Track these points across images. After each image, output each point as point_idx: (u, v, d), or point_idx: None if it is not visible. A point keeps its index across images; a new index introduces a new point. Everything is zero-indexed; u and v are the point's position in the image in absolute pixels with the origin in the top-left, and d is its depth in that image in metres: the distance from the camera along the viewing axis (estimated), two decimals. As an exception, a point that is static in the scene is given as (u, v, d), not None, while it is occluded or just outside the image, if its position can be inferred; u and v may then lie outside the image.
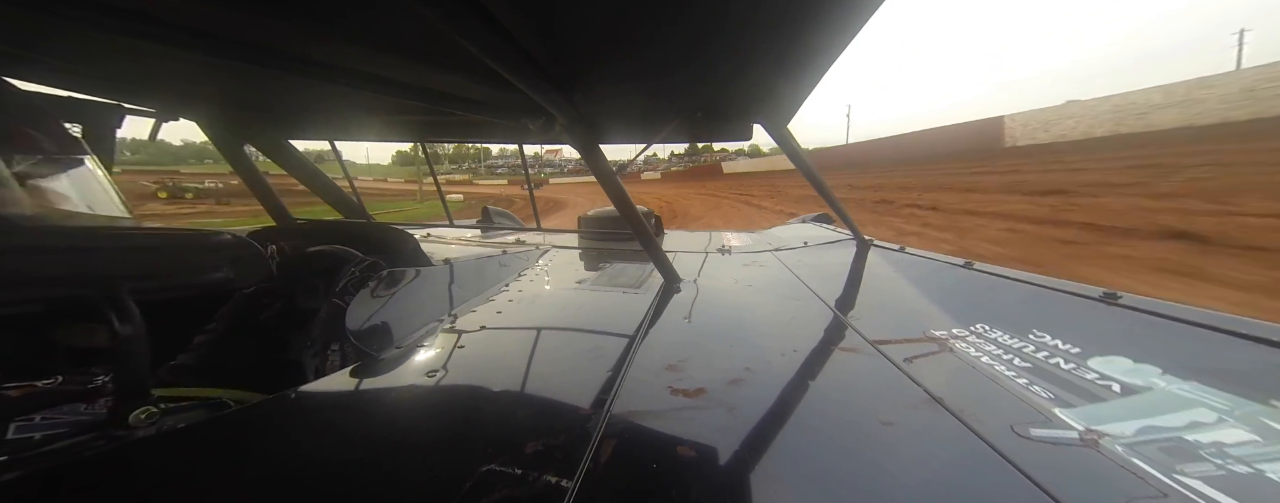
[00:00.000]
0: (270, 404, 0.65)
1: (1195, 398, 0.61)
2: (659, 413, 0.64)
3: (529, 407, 0.68)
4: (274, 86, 1.23)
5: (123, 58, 0.99)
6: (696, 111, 1.22)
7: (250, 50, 0.77)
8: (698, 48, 0.80)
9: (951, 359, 0.80)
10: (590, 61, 0.88)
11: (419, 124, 1.58)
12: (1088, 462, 0.52)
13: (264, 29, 0.75)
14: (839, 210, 1.83)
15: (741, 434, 0.58)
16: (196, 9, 0.67)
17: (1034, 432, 0.57)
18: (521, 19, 0.68)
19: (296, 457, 0.55)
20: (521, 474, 0.49)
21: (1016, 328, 0.90)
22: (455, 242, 2.19)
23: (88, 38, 0.85)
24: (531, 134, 1.21)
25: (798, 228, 2.54)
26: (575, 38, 0.78)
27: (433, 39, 0.75)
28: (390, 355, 0.83)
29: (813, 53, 0.80)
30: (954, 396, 0.66)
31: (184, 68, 1.04)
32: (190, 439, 0.57)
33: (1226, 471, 0.48)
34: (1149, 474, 0.49)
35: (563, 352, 0.89)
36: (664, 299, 1.21)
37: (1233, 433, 0.54)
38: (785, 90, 1.04)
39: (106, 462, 0.52)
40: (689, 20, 0.69)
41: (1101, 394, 0.65)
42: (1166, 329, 0.81)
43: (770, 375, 0.75)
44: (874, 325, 0.98)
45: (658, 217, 2.32)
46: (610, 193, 1.35)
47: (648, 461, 0.53)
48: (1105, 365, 0.72)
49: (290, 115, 1.58)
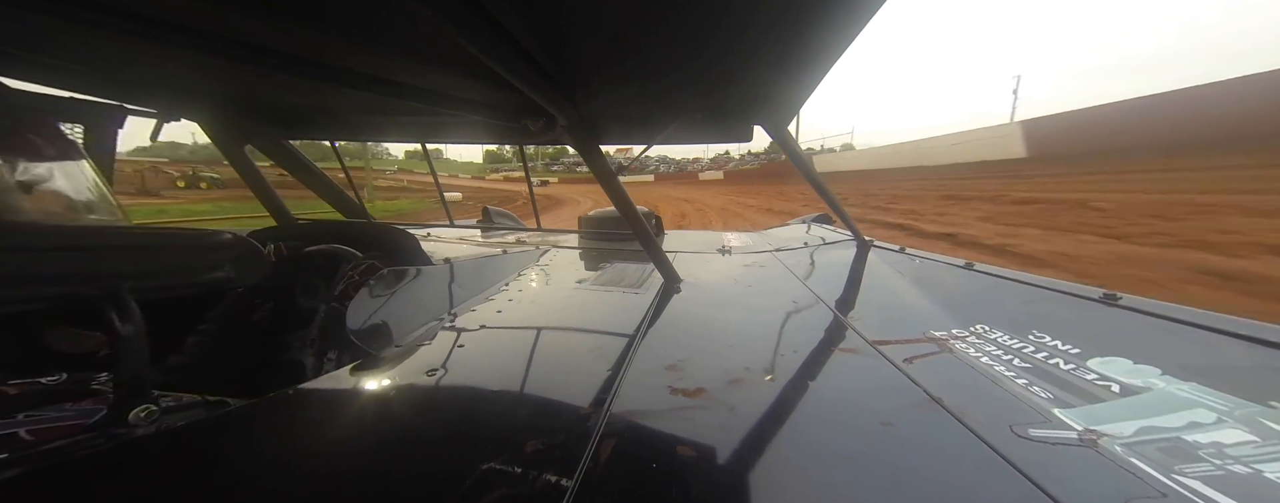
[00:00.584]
0: (270, 403, 0.65)
1: (1194, 399, 0.61)
2: (659, 413, 0.64)
3: (529, 406, 0.68)
4: (275, 87, 1.23)
5: (124, 58, 0.99)
6: (697, 112, 1.22)
7: (252, 51, 0.77)
8: (698, 49, 0.80)
9: (951, 360, 0.80)
10: (591, 63, 0.88)
11: (419, 124, 1.58)
12: (1087, 462, 0.52)
13: (266, 29, 0.75)
14: (839, 211, 1.83)
15: (741, 434, 0.59)
16: (198, 9, 0.67)
17: (1033, 432, 0.57)
18: (522, 20, 0.69)
19: (297, 456, 0.55)
20: (521, 473, 0.49)
21: (1016, 328, 0.90)
22: (456, 242, 2.19)
23: (89, 38, 0.85)
24: (532, 135, 1.21)
25: (798, 229, 2.55)
26: (576, 39, 0.78)
27: (433, 40, 0.76)
28: (390, 354, 0.83)
29: (813, 54, 0.80)
30: (953, 396, 0.66)
31: (186, 68, 1.05)
32: (190, 438, 0.57)
33: (1225, 471, 0.48)
34: (1148, 475, 0.49)
35: (563, 351, 0.89)
36: (664, 299, 1.21)
37: (1232, 434, 0.54)
38: (786, 91, 1.04)
39: (106, 460, 0.52)
40: (689, 21, 0.69)
41: (1101, 395, 0.65)
42: (1166, 330, 0.81)
43: (770, 376, 0.76)
44: (874, 326, 0.98)
45: (658, 217, 2.33)
46: (610, 193, 1.35)
47: (647, 460, 0.53)
48: (1105, 366, 0.72)
49: (291, 115, 1.58)
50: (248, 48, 0.77)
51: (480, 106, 1.10)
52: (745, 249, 1.98)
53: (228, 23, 0.73)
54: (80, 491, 0.47)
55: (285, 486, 0.49)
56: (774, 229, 2.71)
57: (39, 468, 0.50)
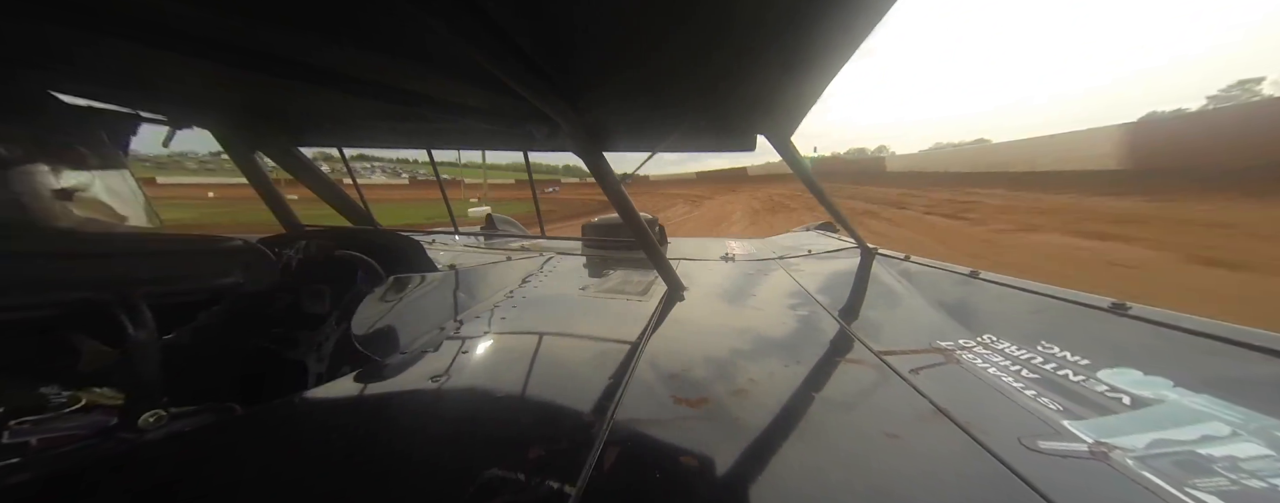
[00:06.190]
0: (277, 409, 0.65)
1: (1208, 411, 0.60)
2: (662, 421, 0.63)
3: (533, 413, 0.68)
4: (284, 94, 1.25)
5: (137, 67, 1.01)
6: (700, 121, 1.22)
7: (263, 59, 0.79)
8: (701, 59, 0.80)
9: (958, 370, 0.79)
10: (595, 71, 0.89)
11: (426, 131, 1.60)
12: (1098, 476, 0.51)
13: (277, 38, 0.76)
14: (841, 219, 1.82)
15: (745, 445, 0.58)
16: (209, 19, 0.68)
17: (1043, 445, 0.56)
18: (528, 29, 0.69)
19: (303, 460, 0.55)
20: (525, 480, 0.49)
21: (1024, 338, 0.89)
22: (461, 249, 2.20)
23: (103, 47, 0.87)
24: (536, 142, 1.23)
25: (802, 236, 2.54)
26: (581, 48, 0.79)
27: (441, 48, 0.77)
28: (395, 361, 0.83)
29: (816, 65, 0.80)
30: (961, 407, 0.65)
31: (197, 76, 1.06)
32: (198, 442, 0.58)
33: (1240, 486, 0.47)
34: (1161, 489, 0.48)
35: (566, 358, 0.89)
36: (667, 307, 1.20)
37: (1247, 447, 0.53)
38: (789, 101, 1.04)
39: (116, 465, 0.53)
40: (693, 31, 0.70)
41: (1111, 407, 0.64)
42: (1177, 341, 0.80)
43: (774, 386, 0.75)
44: (879, 336, 0.97)
45: (661, 225, 2.33)
46: (614, 200, 1.36)
47: (651, 469, 0.52)
48: (1115, 377, 0.71)
49: (300, 123, 1.60)
50: (258, 56, 0.79)
51: (486, 114, 1.11)
52: (749, 257, 1.97)
53: (238, 31, 0.74)
54: (91, 494, 0.47)
55: (292, 491, 0.49)
56: (778, 237, 2.71)
57: (51, 472, 0.50)
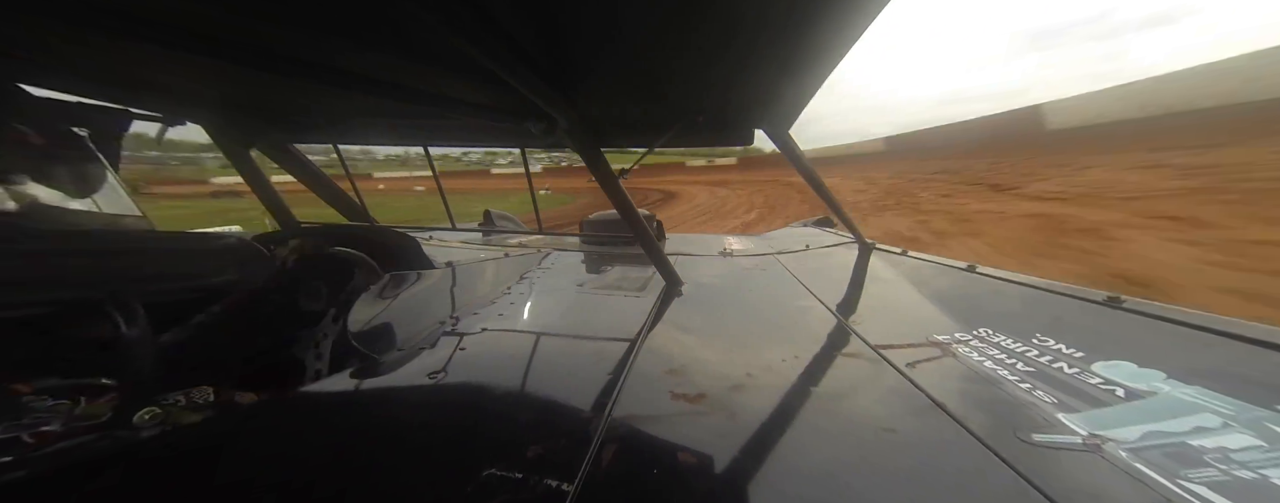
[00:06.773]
0: (273, 405, 0.65)
1: (1200, 403, 0.61)
2: (660, 418, 0.63)
3: (530, 410, 0.68)
4: (279, 91, 1.24)
5: (128, 62, 1.00)
6: (698, 116, 1.22)
7: (255, 55, 0.78)
8: (699, 53, 0.80)
9: (954, 364, 0.80)
10: (592, 66, 0.88)
11: (422, 127, 1.59)
12: (1092, 467, 0.51)
13: (269, 34, 0.75)
14: (840, 213, 1.83)
15: (742, 441, 0.58)
16: (201, 13, 0.67)
17: (1037, 438, 0.57)
18: (524, 23, 0.69)
19: (299, 457, 0.55)
20: (522, 477, 0.49)
21: (1019, 332, 0.90)
22: (458, 245, 2.19)
23: (93, 43, 0.86)
24: (533, 138, 1.22)
25: (799, 231, 2.54)
26: (577, 43, 0.78)
27: (436, 43, 0.76)
28: (392, 358, 0.83)
29: (814, 59, 0.80)
30: (957, 401, 0.66)
31: (189, 72, 1.05)
32: (193, 439, 0.58)
33: (1231, 476, 0.48)
34: (1153, 480, 0.48)
35: (564, 355, 0.89)
36: (665, 303, 1.21)
37: (1238, 438, 0.53)
38: (787, 95, 1.04)
39: (111, 462, 0.52)
40: (690, 26, 0.69)
41: (1105, 399, 0.65)
42: (1170, 333, 0.80)
43: (772, 381, 0.75)
44: (876, 330, 0.97)
45: (659, 220, 2.33)
46: (611, 196, 1.35)
47: (648, 465, 0.53)
48: (1109, 370, 0.72)
49: (295, 119, 1.59)
50: (252, 51, 0.78)
51: (482, 109, 1.10)
52: (746, 252, 1.97)
53: (231, 26, 0.73)
54: (86, 492, 0.47)
55: (288, 488, 0.49)
56: (775, 232, 2.71)
57: (46, 469, 0.50)
